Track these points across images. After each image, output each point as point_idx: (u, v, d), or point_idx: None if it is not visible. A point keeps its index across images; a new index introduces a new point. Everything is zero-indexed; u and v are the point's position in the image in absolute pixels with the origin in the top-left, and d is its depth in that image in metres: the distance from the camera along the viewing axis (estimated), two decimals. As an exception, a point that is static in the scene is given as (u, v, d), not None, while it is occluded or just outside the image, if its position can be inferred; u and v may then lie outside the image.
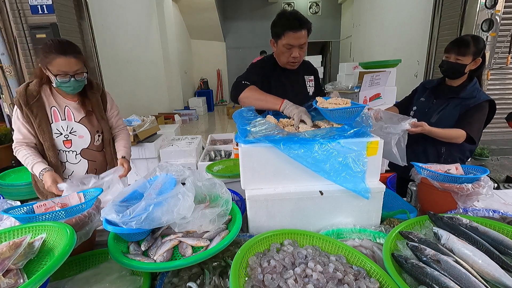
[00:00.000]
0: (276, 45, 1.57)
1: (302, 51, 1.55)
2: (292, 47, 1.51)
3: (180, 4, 8.97)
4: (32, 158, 1.41)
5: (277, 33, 1.51)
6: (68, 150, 1.51)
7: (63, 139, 1.48)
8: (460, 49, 1.54)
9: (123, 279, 0.85)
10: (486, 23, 3.47)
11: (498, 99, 3.63)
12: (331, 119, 1.19)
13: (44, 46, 1.33)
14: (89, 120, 1.54)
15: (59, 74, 1.33)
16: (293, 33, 1.45)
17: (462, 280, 0.71)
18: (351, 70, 4.14)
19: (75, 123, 1.50)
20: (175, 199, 0.93)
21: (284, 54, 1.55)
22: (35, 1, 3.06)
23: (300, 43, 1.49)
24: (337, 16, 10.60)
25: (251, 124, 1.08)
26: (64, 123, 1.47)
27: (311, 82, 1.75)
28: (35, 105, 1.38)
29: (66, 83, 1.36)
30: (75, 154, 1.53)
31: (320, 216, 1.09)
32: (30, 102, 1.37)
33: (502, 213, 1.13)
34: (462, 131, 1.55)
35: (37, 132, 1.41)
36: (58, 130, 1.46)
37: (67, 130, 1.48)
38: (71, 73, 1.34)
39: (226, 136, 3.80)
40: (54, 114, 1.45)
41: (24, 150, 1.42)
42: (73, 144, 1.51)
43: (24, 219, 0.95)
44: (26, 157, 1.41)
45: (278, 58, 1.63)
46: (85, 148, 1.55)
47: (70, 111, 1.49)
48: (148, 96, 6.54)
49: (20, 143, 1.44)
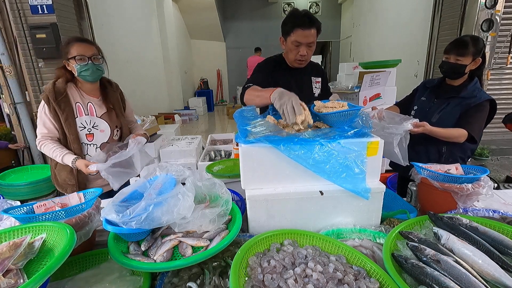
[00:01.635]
0: (285, 42, 1.59)
1: (310, 50, 1.56)
2: (300, 45, 1.52)
3: (180, 4, 8.97)
4: (60, 150, 1.53)
5: (287, 30, 1.53)
6: (89, 143, 1.62)
7: (86, 132, 1.59)
8: (460, 50, 1.55)
9: (123, 279, 0.85)
10: (486, 23, 3.47)
11: (498, 99, 3.63)
12: (328, 122, 1.19)
13: (64, 42, 1.52)
14: (110, 116, 1.66)
15: (78, 57, 1.46)
16: (302, 30, 1.47)
17: (462, 280, 0.71)
18: (351, 70, 4.14)
19: (97, 118, 1.62)
20: (175, 199, 0.93)
21: (292, 52, 1.57)
22: (35, 1, 3.06)
23: (308, 41, 1.51)
24: (337, 16, 10.60)
25: (251, 124, 1.08)
26: (87, 117, 1.59)
27: (318, 83, 1.76)
28: (63, 101, 1.50)
29: (85, 67, 1.48)
30: (96, 148, 1.63)
31: (320, 216, 1.09)
32: (58, 98, 1.48)
33: (502, 213, 1.13)
34: (464, 131, 1.55)
35: (64, 126, 1.52)
36: (82, 124, 1.58)
37: (90, 124, 1.60)
38: (88, 55, 1.48)
39: (226, 136, 3.80)
40: (78, 109, 1.57)
41: (50, 143, 1.54)
42: (94, 138, 1.62)
43: (24, 219, 0.95)
44: (54, 150, 1.52)
45: (287, 56, 1.65)
46: (105, 142, 1.65)
47: (92, 106, 1.61)
48: (148, 96, 6.53)
49: (45, 137, 1.55)
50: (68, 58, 1.48)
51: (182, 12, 9.31)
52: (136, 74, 5.90)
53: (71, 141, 1.55)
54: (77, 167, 1.51)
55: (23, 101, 3.36)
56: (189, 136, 3.74)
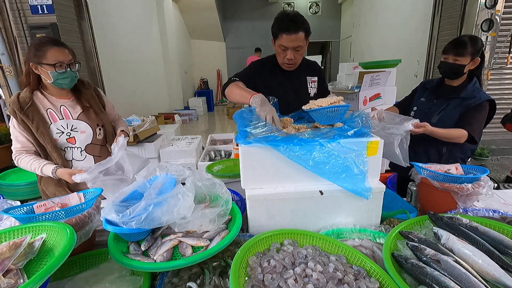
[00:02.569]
0: (274, 45, 1.58)
1: (298, 53, 1.53)
2: (287, 49, 1.50)
3: (180, 4, 8.97)
4: (38, 162, 1.42)
5: (274, 34, 1.52)
6: (73, 146, 1.53)
7: (66, 137, 1.50)
8: (458, 50, 1.54)
9: (123, 279, 0.85)
10: (486, 23, 3.47)
11: (498, 99, 3.63)
12: (318, 121, 1.21)
13: (36, 43, 1.36)
14: (87, 115, 1.56)
15: (56, 64, 1.35)
16: (286, 35, 1.44)
17: (462, 280, 0.71)
18: (351, 70, 4.14)
19: (74, 120, 1.52)
20: (175, 199, 0.93)
21: (280, 55, 1.56)
22: (35, 1, 3.06)
23: (295, 46, 1.48)
24: (337, 16, 10.60)
25: (251, 125, 1.08)
26: (63, 122, 1.49)
27: (313, 83, 1.74)
28: (30, 110, 1.39)
29: (64, 75, 1.38)
30: (80, 151, 1.55)
31: (320, 216, 1.09)
32: (24, 108, 1.38)
33: (502, 213, 1.13)
34: (464, 131, 1.55)
35: (37, 136, 1.41)
36: (59, 129, 1.47)
37: (68, 128, 1.50)
38: (66, 62, 1.38)
39: (226, 136, 3.80)
40: (51, 115, 1.46)
41: (26, 157, 1.43)
42: (77, 141, 1.53)
43: (24, 219, 0.95)
44: (31, 163, 1.42)
45: (277, 58, 1.64)
46: (89, 143, 1.57)
47: (66, 109, 1.50)
48: (148, 96, 6.54)
49: (20, 151, 1.45)
50: (42, 63, 1.34)
51: (182, 12, 9.31)
52: (136, 74, 5.91)
53: (50, 150, 1.44)
54: (58, 176, 1.40)
55: (23, 101, 3.36)
56: (189, 136, 3.74)
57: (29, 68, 1.38)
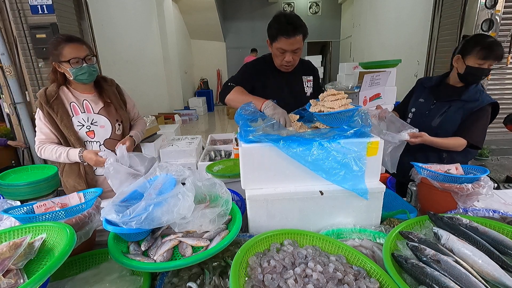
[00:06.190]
0: (271, 46, 1.57)
1: (296, 55, 1.53)
2: (285, 52, 1.50)
3: (180, 4, 8.97)
4: (62, 148, 1.51)
5: (272, 35, 1.50)
6: (92, 140, 1.59)
7: (86, 130, 1.56)
8: (498, 54, 1.42)
9: (123, 279, 0.85)
10: (486, 23, 3.47)
11: (499, 99, 3.61)
12: (325, 122, 1.17)
13: (52, 42, 1.45)
14: (108, 111, 1.62)
15: (72, 60, 1.42)
16: (286, 38, 1.44)
17: (462, 280, 0.71)
18: (351, 70, 4.13)
19: (95, 115, 1.59)
20: (175, 199, 0.93)
21: (278, 58, 1.55)
22: (35, 1, 3.05)
23: (293, 48, 1.48)
24: (337, 16, 10.60)
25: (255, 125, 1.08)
26: (84, 115, 1.56)
27: (309, 82, 1.73)
28: (55, 103, 1.48)
29: (81, 70, 1.45)
30: (99, 145, 1.60)
31: (320, 216, 1.09)
32: (50, 101, 1.47)
33: (502, 213, 1.13)
34: (463, 140, 1.51)
35: (61, 128, 1.49)
36: (79, 122, 1.54)
37: (88, 121, 1.57)
38: (82, 57, 1.44)
39: (226, 136, 3.80)
40: (74, 108, 1.54)
41: (49, 146, 1.51)
42: (96, 135, 1.59)
43: (24, 219, 0.95)
44: (56, 149, 1.50)
45: (274, 60, 1.63)
46: (108, 138, 1.62)
47: (88, 103, 1.58)
48: (148, 96, 6.54)
49: (43, 141, 1.53)
50: (61, 61, 1.43)
51: (182, 12, 9.31)
52: (136, 74, 5.91)
53: (73, 142, 1.52)
54: (84, 159, 1.48)
55: (23, 101, 3.36)
56: (189, 136, 3.75)
57: (53, 66, 1.48)
